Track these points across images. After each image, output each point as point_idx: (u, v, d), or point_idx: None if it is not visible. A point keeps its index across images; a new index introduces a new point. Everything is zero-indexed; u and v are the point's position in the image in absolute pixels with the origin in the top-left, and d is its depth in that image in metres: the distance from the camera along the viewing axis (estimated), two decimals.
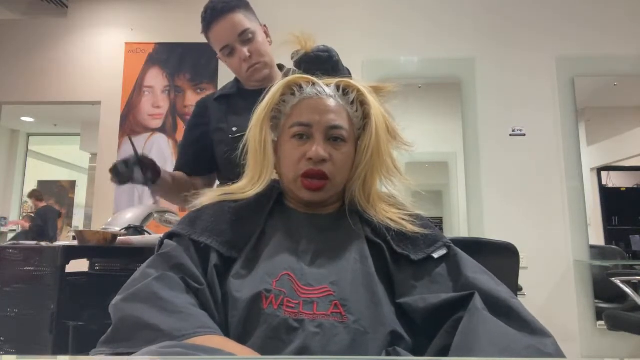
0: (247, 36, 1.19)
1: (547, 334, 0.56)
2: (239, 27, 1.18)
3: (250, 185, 0.77)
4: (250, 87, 1.27)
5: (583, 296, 2.78)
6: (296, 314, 0.61)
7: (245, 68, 1.22)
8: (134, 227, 1.79)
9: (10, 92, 3.48)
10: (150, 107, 3.34)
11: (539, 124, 2.96)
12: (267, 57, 1.24)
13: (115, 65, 3.34)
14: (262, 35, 1.24)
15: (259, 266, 0.68)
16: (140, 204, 3.19)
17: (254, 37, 1.20)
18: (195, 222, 0.73)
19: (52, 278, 1.39)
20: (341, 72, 1.03)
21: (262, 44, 1.22)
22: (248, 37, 1.19)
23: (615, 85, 3.15)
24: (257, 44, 1.21)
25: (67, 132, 5.91)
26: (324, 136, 0.74)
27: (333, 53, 1.04)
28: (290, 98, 0.78)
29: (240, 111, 1.23)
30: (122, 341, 0.57)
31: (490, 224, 2.86)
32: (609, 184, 3.10)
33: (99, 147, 3.36)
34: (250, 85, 1.27)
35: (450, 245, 0.73)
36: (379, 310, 0.64)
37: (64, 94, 3.42)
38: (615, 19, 3.08)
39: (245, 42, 1.20)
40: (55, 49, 3.45)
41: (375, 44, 3.10)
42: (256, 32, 1.21)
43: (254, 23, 1.23)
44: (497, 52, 3.06)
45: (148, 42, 3.37)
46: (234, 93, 1.30)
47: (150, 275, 0.63)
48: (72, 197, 7.02)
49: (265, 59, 1.23)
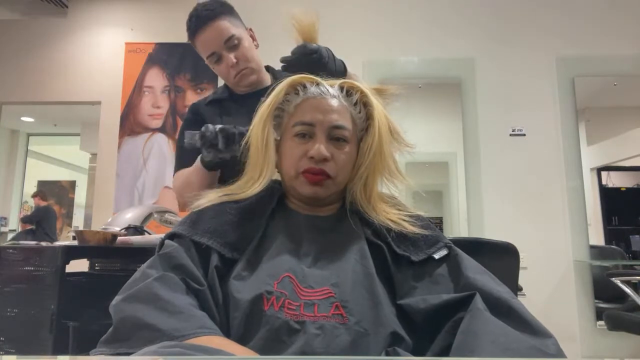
0: (233, 42, 1.18)
1: (548, 335, 0.57)
2: (225, 34, 1.17)
3: (250, 183, 0.77)
4: (240, 92, 1.27)
5: (583, 296, 2.77)
6: (297, 315, 0.61)
7: (233, 74, 1.22)
8: (134, 227, 1.79)
9: (10, 92, 3.48)
10: (150, 107, 3.34)
11: (539, 124, 2.96)
12: (253, 62, 1.23)
13: (115, 65, 3.34)
14: (248, 40, 1.23)
15: (260, 268, 0.67)
16: (140, 204, 3.20)
17: (240, 43, 1.20)
18: (197, 223, 0.73)
19: (52, 278, 1.39)
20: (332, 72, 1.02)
21: (248, 49, 1.22)
22: (234, 44, 1.19)
23: (615, 85, 3.15)
24: (244, 50, 1.21)
25: (67, 132, 5.91)
26: (326, 136, 0.74)
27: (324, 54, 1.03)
28: (294, 97, 0.78)
29: (233, 113, 1.23)
30: (122, 341, 0.57)
31: (490, 224, 2.86)
32: (609, 184, 3.10)
33: (99, 147, 3.36)
34: (239, 90, 1.27)
35: (450, 246, 0.73)
36: (380, 311, 0.64)
37: (64, 94, 3.42)
38: (615, 19, 3.08)
39: (232, 49, 1.19)
40: (55, 49, 3.45)
41: (375, 44, 3.10)
42: (242, 37, 1.21)
43: (240, 28, 1.22)
44: (497, 52, 3.06)
45: (148, 42, 3.37)
46: (225, 97, 1.30)
47: (150, 275, 0.63)
48: (72, 197, 7.02)
49: (252, 64, 1.23)
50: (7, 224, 5.89)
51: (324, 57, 1.03)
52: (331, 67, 1.05)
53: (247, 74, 1.22)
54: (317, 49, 1.02)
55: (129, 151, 3.32)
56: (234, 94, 1.29)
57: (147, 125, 3.32)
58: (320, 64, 1.00)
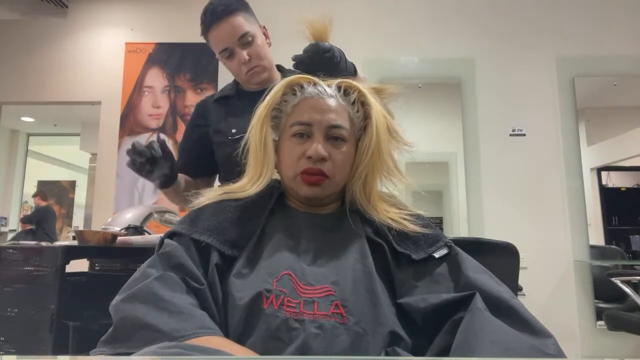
0: (246, 39, 1.19)
1: (548, 335, 0.56)
2: (239, 30, 1.17)
3: (251, 183, 0.77)
4: (249, 89, 1.27)
5: (583, 296, 2.78)
6: (297, 313, 0.61)
7: (244, 71, 1.22)
8: (134, 227, 1.79)
9: (10, 92, 3.48)
10: (150, 107, 3.34)
11: (539, 124, 2.96)
12: (266, 60, 1.23)
13: (115, 65, 3.34)
14: (261, 37, 1.24)
15: (260, 265, 0.67)
16: (140, 204, 3.19)
17: (254, 40, 1.20)
18: (196, 221, 0.73)
19: (52, 278, 1.39)
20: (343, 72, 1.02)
21: (261, 47, 1.22)
22: (247, 40, 1.19)
23: (615, 85, 3.15)
24: (257, 47, 1.21)
25: (67, 132, 5.91)
26: (324, 135, 0.74)
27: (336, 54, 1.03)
28: (292, 98, 0.78)
29: (239, 113, 1.23)
30: (122, 341, 0.57)
31: (490, 224, 2.86)
32: (609, 184, 3.10)
33: (99, 147, 3.36)
34: (249, 87, 1.27)
35: (451, 245, 0.73)
36: (379, 311, 0.64)
37: (64, 94, 3.42)
38: (615, 19, 3.08)
39: (245, 45, 1.19)
40: (55, 49, 3.45)
41: (375, 44, 3.10)
42: (256, 34, 1.21)
43: (254, 25, 1.22)
44: (497, 52, 3.06)
45: (148, 42, 3.37)
46: (232, 95, 1.30)
47: (150, 275, 0.63)
48: (72, 197, 7.02)
49: (264, 62, 1.23)
50: (7, 224, 5.89)
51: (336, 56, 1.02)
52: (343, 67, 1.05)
53: (258, 71, 1.23)
54: (330, 47, 1.02)
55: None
56: (242, 92, 1.29)
57: (147, 125, 3.32)
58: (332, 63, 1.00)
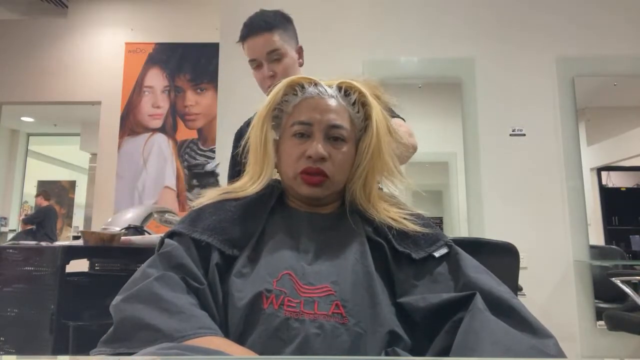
0: (275, 56, 1.22)
1: (549, 335, 0.57)
2: (270, 45, 1.21)
3: (251, 183, 0.77)
4: None
5: (583, 296, 2.77)
6: (297, 313, 0.61)
7: (267, 85, 1.24)
8: (134, 227, 1.79)
9: (10, 92, 3.48)
10: (150, 107, 3.34)
11: (539, 124, 2.96)
12: None
13: (115, 65, 3.34)
14: (292, 57, 1.26)
15: (260, 265, 0.67)
16: (140, 204, 3.19)
17: (282, 58, 1.23)
18: (196, 221, 0.73)
19: (52, 278, 1.39)
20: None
21: (289, 66, 1.24)
22: (276, 57, 1.22)
23: (615, 85, 3.15)
24: (284, 65, 1.23)
25: (67, 132, 5.92)
26: (324, 135, 0.74)
27: None
28: (292, 97, 0.78)
29: None
30: (122, 341, 0.57)
31: (490, 224, 2.86)
32: (609, 184, 3.10)
33: (99, 147, 3.36)
34: None
35: (451, 245, 0.73)
36: (378, 311, 0.64)
37: (64, 94, 3.43)
38: (615, 19, 3.08)
39: (272, 61, 1.22)
40: (55, 49, 3.45)
41: (375, 43, 3.10)
42: (286, 53, 1.23)
43: (287, 44, 1.25)
44: (497, 52, 3.06)
45: (148, 42, 3.37)
46: None
47: (150, 275, 0.63)
48: (72, 197, 7.03)
49: None
50: (7, 224, 5.89)
51: None
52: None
53: None
54: None
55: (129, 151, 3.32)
56: None
57: (147, 125, 3.32)
58: None
